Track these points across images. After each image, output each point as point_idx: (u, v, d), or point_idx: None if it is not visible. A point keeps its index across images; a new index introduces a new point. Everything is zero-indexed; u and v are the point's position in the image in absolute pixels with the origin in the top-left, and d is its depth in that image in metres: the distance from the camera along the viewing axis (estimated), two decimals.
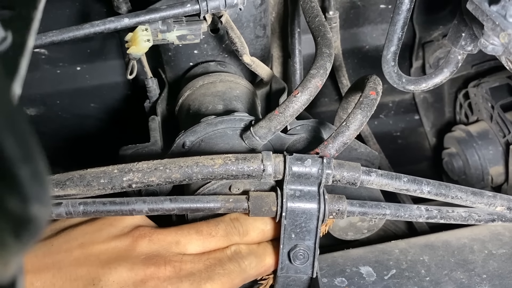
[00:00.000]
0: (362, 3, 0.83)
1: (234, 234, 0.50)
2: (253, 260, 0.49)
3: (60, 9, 0.72)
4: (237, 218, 0.51)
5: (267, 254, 0.51)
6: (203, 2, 0.50)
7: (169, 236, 0.48)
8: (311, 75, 0.51)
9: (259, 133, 0.53)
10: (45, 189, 0.13)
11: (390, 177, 0.48)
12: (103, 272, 0.45)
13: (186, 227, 0.50)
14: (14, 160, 0.12)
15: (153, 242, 0.47)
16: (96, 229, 0.48)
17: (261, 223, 0.51)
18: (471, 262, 0.57)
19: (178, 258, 0.47)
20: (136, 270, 0.45)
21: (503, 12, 0.38)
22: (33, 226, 0.13)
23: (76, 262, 0.45)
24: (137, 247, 0.47)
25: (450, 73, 0.59)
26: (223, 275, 0.47)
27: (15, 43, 0.21)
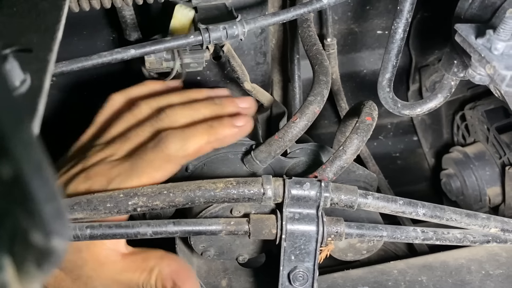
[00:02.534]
0: (359, 29, 0.85)
1: (160, 125, 0.53)
2: (177, 143, 0.50)
3: (68, 36, 0.74)
4: (161, 107, 0.55)
5: (193, 136, 0.51)
6: (205, 33, 0.52)
7: (107, 151, 0.53)
8: (309, 101, 0.53)
9: (259, 157, 0.55)
10: (65, 225, 0.15)
11: (387, 200, 0.50)
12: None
13: (118, 140, 0.54)
14: (40, 200, 0.14)
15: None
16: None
17: (189, 110, 0.54)
18: (469, 282, 0.58)
19: (108, 168, 0.51)
20: (79, 187, 0.50)
21: (488, 45, 0.40)
22: (54, 257, 0.15)
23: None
24: (84, 167, 0.52)
25: (444, 98, 0.61)
26: (145, 166, 0.50)
27: (34, 85, 0.23)
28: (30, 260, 0.15)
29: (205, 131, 0.52)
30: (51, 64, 0.26)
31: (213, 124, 0.52)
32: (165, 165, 0.50)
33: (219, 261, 0.60)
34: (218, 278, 0.59)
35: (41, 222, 0.14)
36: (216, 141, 0.52)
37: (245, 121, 0.54)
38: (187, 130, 0.52)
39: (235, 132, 0.53)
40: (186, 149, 0.51)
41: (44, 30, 0.29)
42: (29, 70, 0.24)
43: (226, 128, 0.52)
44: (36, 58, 0.26)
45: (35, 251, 0.15)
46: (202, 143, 0.51)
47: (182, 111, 0.55)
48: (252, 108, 0.59)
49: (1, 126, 0.14)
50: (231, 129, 0.53)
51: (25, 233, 0.14)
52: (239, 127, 0.53)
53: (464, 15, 0.51)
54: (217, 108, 0.56)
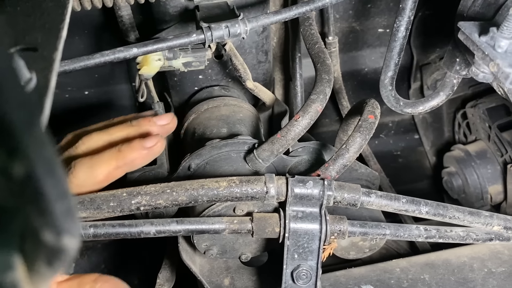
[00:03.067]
0: (360, 27, 0.85)
1: (75, 153, 0.52)
2: (84, 172, 0.49)
3: (71, 36, 0.74)
4: (80, 135, 0.54)
5: (99, 163, 0.50)
6: (208, 32, 0.52)
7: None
8: (312, 100, 0.53)
9: (262, 156, 0.55)
10: (75, 223, 0.15)
11: (389, 198, 0.50)
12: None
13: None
14: (51, 198, 0.14)
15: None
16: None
17: (104, 134, 0.53)
18: (471, 280, 0.58)
19: None
20: None
21: (492, 42, 0.40)
22: (64, 256, 0.15)
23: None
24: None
25: (446, 96, 0.61)
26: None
27: (39, 83, 0.23)
28: (40, 258, 0.15)
29: (112, 156, 0.50)
30: (57, 63, 0.26)
31: (122, 148, 0.51)
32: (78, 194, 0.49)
33: (221, 259, 0.60)
34: (220, 277, 0.59)
35: (52, 221, 0.14)
36: (125, 165, 0.51)
37: (155, 141, 0.52)
38: (95, 157, 0.51)
39: (145, 154, 0.52)
40: (95, 177, 0.50)
41: (49, 29, 0.29)
42: (34, 69, 0.24)
43: (135, 151, 0.51)
44: (41, 57, 0.26)
45: (46, 250, 0.15)
46: (110, 169, 0.50)
47: (98, 136, 0.54)
48: (172, 124, 0.57)
49: (14, 124, 0.14)
50: (139, 151, 0.51)
51: (36, 231, 0.14)
52: (149, 148, 0.52)
53: (467, 13, 0.51)
54: (133, 129, 0.55)
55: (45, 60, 0.26)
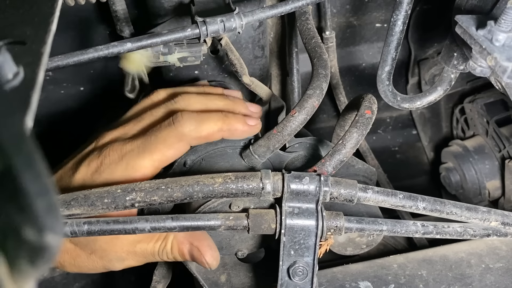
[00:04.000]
0: (358, 22, 0.85)
1: (175, 107, 0.55)
2: (192, 123, 0.52)
3: (64, 31, 0.74)
4: (177, 93, 0.57)
5: (207, 120, 0.53)
6: (203, 26, 0.51)
7: (120, 130, 0.55)
8: (308, 95, 0.53)
9: (258, 152, 0.54)
10: (58, 220, 0.14)
11: (386, 194, 0.50)
12: (72, 172, 0.52)
13: (132, 121, 0.55)
14: (31, 194, 0.14)
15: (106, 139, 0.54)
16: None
17: (204, 98, 0.56)
18: (469, 276, 0.58)
19: (120, 144, 0.52)
20: (92, 163, 0.52)
21: (489, 36, 0.39)
22: (47, 254, 0.14)
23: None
24: (97, 145, 0.54)
25: (443, 91, 0.60)
26: (158, 143, 0.51)
27: (27, 78, 0.22)
28: (23, 257, 0.14)
29: (220, 118, 0.53)
30: (45, 57, 0.25)
31: (228, 115, 0.54)
32: (178, 144, 0.51)
33: None
34: (217, 274, 0.58)
35: (33, 218, 0.14)
36: (228, 131, 0.54)
37: (256, 122, 0.56)
38: (203, 114, 0.53)
39: (246, 129, 0.55)
40: (200, 131, 0.52)
41: (38, 22, 0.28)
42: (22, 63, 0.24)
43: (239, 122, 0.54)
44: (29, 51, 0.25)
45: (28, 248, 0.14)
46: (215, 129, 0.53)
47: (197, 98, 0.56)
48: (260, 114, 0.61)
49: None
50: (243, 125, 0.54)
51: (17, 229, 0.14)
52: (250, 126, 0.55)
53: (465, 6, 0.50)
54: (229, 103, 0.58)
55: (33, 54, 0.25)
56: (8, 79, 0.22)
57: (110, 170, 0.50)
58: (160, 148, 0.51)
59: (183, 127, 0.51)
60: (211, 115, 0.53)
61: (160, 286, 0.61)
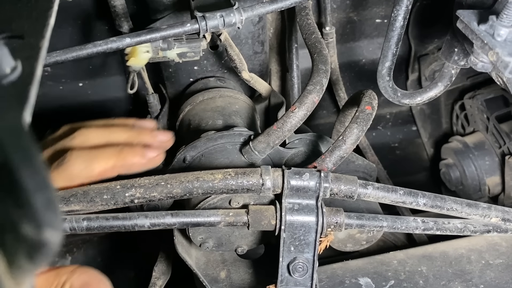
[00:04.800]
0: (358, 18, 0.84)
1: (71, 143, 0.51)
2: (81, 163, 0.48)
3: (64, 27, 0.73)
4: (80, 127, 0.53)
5: (99, 157, 0.49)
6: (202, 21, 0.51)
7: None
8: (308, 91, 0.52)
9: (258, 148, 0.54)
10: (57, 215, 0.14)
11: (387, 190, 0.49)
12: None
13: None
14: (29, 190, 0.13)
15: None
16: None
17: (104, 131, 0.52)
18: (469, 272, 0.58)
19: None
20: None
21: (491, 31, 0.39)
22: (45, 249, 0.14)
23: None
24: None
25: (444, 87, 0.60)
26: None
27: (25, 72, 0.22)
28: (21, 252, 0.14)
29: (113, 154, 0.50)
30: (43, 51, 0.25)
31: (123, 150, 0.50)
32: (68, 185, 0.49)
33: (217, 252, 0.60)
34: (217, 270, 0.58)
35: (32, 213, 0.14)
36: (123, 167, 0.50)
37: (156, 153, 0.52)
38: (94, 151, 0.50)
39: (144, 163, 0.51)
40: (90, 170, 0.49)
41: (36, 16, 0.28)
42: (20, 57, 0.23)
43: (136, 156, 0.50)
44: (27, 45, 0.25)
45: (27, 244, 0.14)
46: (107, 167, 0.49)
47: (96, 132, 0.53)
48: (169, 143, 0.57)
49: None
50: (140, 158, 0.51)
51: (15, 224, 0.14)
52: (149, 158, 0.51)
53: (466, 1, 0.50)
54: (133, 134, 0.54)
55: (31, 48, 0.25)
56: (6, 73, 0.21)
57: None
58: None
59: (72, 167, 0.48)
60: (104, 151, 0.50)
61: (160, 282, 0.61)
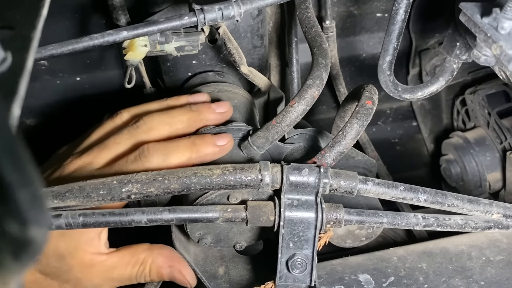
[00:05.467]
0: (358, 12, 0.84)
1: (138, 133, 0.52)
2: (159, 157, 0.50)
3: (60, 20, 0.72)
4: (139, 114, 0.54)
5: (175, 151, 0.50)
6: (200, 14, 0.50)
7: (85, 159, 0.52)
8: (308, 85, 0.52)
9: (256, 143, 0.53)
10: (43, 212, 0.13)
11: (387, 186, 0.49)
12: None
13: (96, 147, 0.53)
14: (13, 185, 0.13)
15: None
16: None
17: (166, 117, 0.54)
18: (469, 269, 0.58)
19: (87, 176, 0.49)
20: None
21: (495, 24, 0.38)
22: (32, 248, 0.13)
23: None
24: (63, 174, 0.52)
25: (445, 82, 0.59)
26: None
27: (15, 64, 0.21)
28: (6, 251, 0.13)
29: (188, 147, 0.51)
30: (35, 42, 0.24)
31: (196, 141, 0.52)
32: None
33: (216, 248, 0.59)
34: (215, 266, 0.58)
35: (16, 210, 0.13)
36: (198, 158, 0.51)
37: (226, 140, 0.53)
38: (169, 144, 0.51)
39: (217, 151, 0.52)
40: (167, 165, 0.50)
41: (28, 6, 0.27)
42: (10, 48, 0.23)
43: (208, 146, 0.52)
44: (18, 36, 0.24)
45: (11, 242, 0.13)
46: (183, 159, 0.51)
47: (160, 118, 0.54)
48: (229, 112, 0.58)
49: None
50: (213, 148, 0.52)
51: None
52: (221, 146, 0.52)
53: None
54: (194, 114, 0.55)
55: (23, 39, 0.24)
56: None
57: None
58: None
59: (150, 162, 0.49)
60: (179, 144, 0.51)
61: None
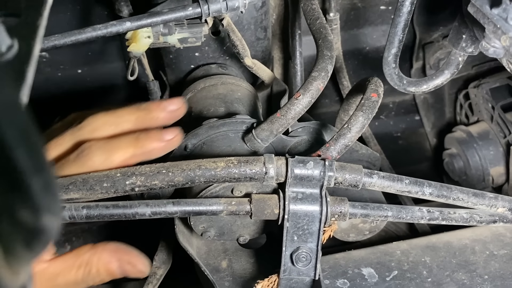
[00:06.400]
0: (362, 4, 0.83)
1: (81, 134, 0.49)
2: (101, 155, 0.47)
3: (62, 12, 0.72)
4: (86, 115, 0.51)
5: (117, 148, 0.48)
6: (204, 5, 0.50)
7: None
8: (313, 77, 0.51)
9: (261, 136, 0.53)
10: (55, 200, 0.13)
11: (392, 179, 0.49)
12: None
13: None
14: (26, 172, 0.12)
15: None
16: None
17: (112, 117, 0.50)
18: (473, 263, 0.57)
19: None
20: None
21: (504, 15, 0.38)
22: (44, 236, 0.13)
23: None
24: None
25: (451, 75, 0.59)
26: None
27: (22, 51, 0.21)
28: (18, 240, 0.13)
29: (131, 143, 0.48)
30: (41, 30, 0.24)
31: (140, 137, 0.49)
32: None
33: (219, 242, 0.59)
34: (218, 259, 0.58)
35: (29, 197, 0.13)
36: (142, 154, 0.49)
37: (174, 134, 0.50)
38: (112, 141, 0.48)
39: (163, 146, 0.49)
40: (110, 162, 0.47)
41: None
42: (16, 36, 0.22)
43: (154, 141, 0.48)
44: (24, 24, 0.24)
45: (23, 230, 0.13)
46: (127, 156, 0.48)
47: (105, 118, 0.50)
48: (181, 110, 0.54)
49: None
50: (158, 143, 0.49)
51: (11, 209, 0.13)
52: (167, 140, 0.49)
53: None
54: (142, 113, 0.51)
55: (29, 27, 0.24)
56: (2, 52, 0.20)
57: None
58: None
59: (92, 161, 0.47)
60: (121, 140, 0.48)
61: (160, 272, 0.60)
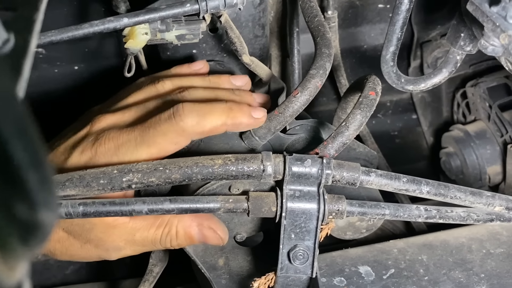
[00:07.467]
0: (360, 2, 0.83)
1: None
2: (194, 118, 0.48)
3: (59, 8, 0.71)
4: (184, 86, 0.54)
5: (211, 113, 0.49)
6: (202, 2, 0.50)
7: (119, 116, 0.52)
8: (311, 75, 0.51)
9: (258, 133, 0.53)
10: (52, 195, 0.13)
11: (390, 177, 0.49)
12: (64, 157, 0.50)
13: (134, 107, 0.53)
14: (23, 166, 0.12)
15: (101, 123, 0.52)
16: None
17: (210, 93, 0.54)
18: (469, 261, 0.58)
19: (117, 133, 0.49)
20: (86, 151, 0.49)
21: (504, 13, 0.38)
22: (40, 232, 0.13)
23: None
24: (92, 130, 0.51)
25: (449, 73, 0.59)
26: (157, 136, 0.48)
27: (18, 45, 0.21)
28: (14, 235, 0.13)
29: (224, 112, 0.50)
30: (38, 24, 0.24)
31: (233, 107, 0.51)
32: (178, 138, 0.48)
33: None
34: (215, 257, 0.57)
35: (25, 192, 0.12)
36: (232, 125, 0.50)
37: (262, 114, 0.52)
38: (206, 106, 0.50)
39: (251, 122, 0.51)
40: (202, 126, 0.49)
41: None
42: (13, 30, 0.22)
43: (244, 115, 0.51)
44: (20, 17, 0.24)
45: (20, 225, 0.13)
46: (218, 123, 0.49)
47: (204, 93, 0.54)
48: (267, 105, 0.58)
49: None
50: (248, 118, 0.51)
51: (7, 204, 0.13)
52: (255, 119, 0.52)
53: None
54: (236, 98, 0.55)
55: (25, 20, 0.23)
56: None
57: (104, 160, 0.48)
58: (158, 142, 0.48)
59: (184, 121, 0.48)
60: (215, 107, 0.50)
61: (156, 269, 0.60)
